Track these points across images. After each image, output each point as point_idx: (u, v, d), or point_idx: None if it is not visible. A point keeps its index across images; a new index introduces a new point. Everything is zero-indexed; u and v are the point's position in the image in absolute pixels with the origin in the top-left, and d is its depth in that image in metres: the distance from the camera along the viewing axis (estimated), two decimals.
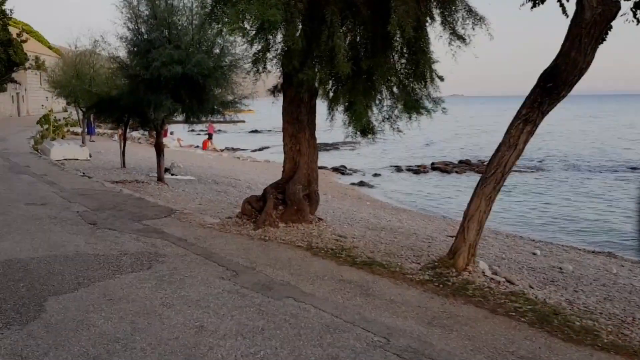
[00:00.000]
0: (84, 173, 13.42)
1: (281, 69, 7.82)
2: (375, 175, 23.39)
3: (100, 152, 21.75)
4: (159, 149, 12.67)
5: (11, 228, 7.23)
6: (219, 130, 42.00)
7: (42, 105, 47.80)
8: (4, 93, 41.73)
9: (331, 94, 7.05)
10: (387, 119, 7.53)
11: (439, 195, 19.01)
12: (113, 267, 5.56)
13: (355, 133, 7.60)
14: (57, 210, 8.43)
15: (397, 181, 22.24)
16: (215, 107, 12.42)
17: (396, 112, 7.43)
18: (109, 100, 14.39)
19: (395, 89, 6.93)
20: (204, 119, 13.07)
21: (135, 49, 11.53)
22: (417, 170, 24.81)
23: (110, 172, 14.75)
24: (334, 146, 36.50)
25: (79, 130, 31.23)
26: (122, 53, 12.87)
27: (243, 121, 13.66)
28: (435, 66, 6.82)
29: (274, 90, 8.38)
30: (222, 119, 13.22)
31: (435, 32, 6.80)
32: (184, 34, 11.38)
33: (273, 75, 8.04)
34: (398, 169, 25.50)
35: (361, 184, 20.49)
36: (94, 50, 19.01)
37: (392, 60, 6.73)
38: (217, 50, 12.08)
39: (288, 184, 7.84)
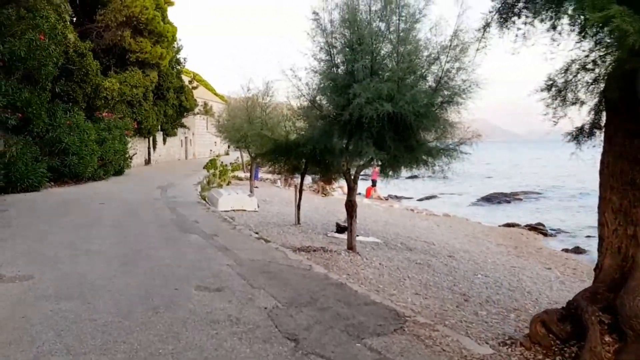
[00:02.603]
0: (257, 233, 11.23)
1: (606, 94, 4.66)
2: (588, 237, 18.62)
3: (265, 201, 20.13)
4: (352, 208, 9.90)
5: (180, 341, 4.78)
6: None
7: (211, 150, 49.60)
8: (174, 137, 43.63)
9: None
10: None
11: None
12: None
13: None
14: (237, 304, 5.95)
15: None
16: (424, 157, 9.47)
17: None
18: (285, 146, 12.26)
19: None
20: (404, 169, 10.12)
21: (330, 83, 9.08)
22: None
23: (285, 230, 12.48)
24: (512, 196, 31.92)
25: (241, 174, 30.63)
26: (307, 90, 10.52)
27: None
28: None
29: (577, 135, 5.16)
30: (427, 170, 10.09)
31: None
32: (396, 62, 8.68)
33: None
34: None
35: (577, 250, 16.07)
36: (267, 92, 17.56)
37: None
38: (430, 83, 9.22)
39: (621, 296, 4.46)
